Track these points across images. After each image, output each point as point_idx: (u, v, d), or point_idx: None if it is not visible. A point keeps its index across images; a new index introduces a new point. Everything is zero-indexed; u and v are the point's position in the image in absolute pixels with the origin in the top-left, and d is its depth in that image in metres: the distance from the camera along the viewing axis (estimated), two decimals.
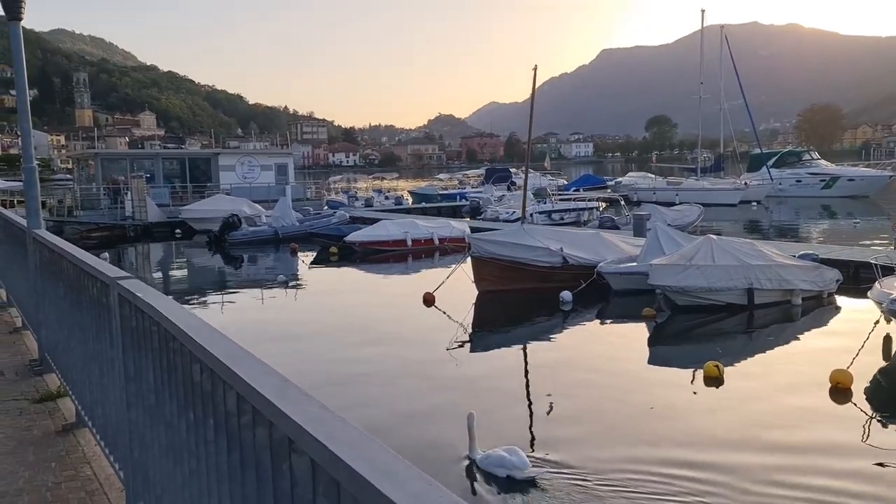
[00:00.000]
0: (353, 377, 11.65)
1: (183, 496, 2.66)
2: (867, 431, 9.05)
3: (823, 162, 52.71)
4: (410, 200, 49.74)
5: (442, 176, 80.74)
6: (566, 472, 7.81)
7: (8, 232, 8.90)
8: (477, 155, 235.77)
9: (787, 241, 25.27)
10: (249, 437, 1.92)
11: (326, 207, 38.99)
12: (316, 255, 26.95)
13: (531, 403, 10.54)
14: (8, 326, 8.79)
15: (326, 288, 21.84)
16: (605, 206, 36.89)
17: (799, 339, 13.72)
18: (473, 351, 13.93)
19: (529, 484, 7.51)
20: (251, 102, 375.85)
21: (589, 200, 35.39)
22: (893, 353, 11.82)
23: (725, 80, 49.99)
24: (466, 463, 7.90)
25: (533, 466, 7.72)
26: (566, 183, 54.73)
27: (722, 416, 9.65)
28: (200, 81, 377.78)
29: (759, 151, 53.93)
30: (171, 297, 3.12)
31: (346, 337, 14.60)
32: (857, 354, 10.77)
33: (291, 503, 1.65)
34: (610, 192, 49.80)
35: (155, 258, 31.29)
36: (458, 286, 17.31)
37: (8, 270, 9.54)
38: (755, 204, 43.97)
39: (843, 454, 8.31)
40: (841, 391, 10.19)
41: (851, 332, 13.12)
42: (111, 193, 36.34)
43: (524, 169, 26.37)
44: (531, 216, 28.75)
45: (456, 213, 40.20)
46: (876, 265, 12.89)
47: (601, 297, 16.92)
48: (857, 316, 15.45)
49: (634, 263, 17.44)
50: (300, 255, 27.08)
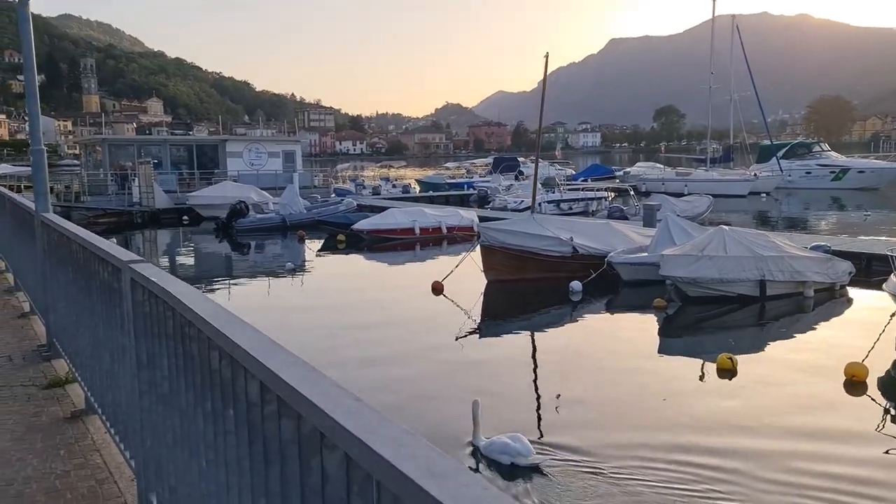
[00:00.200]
0: (359, 363, 11.57)
1: (199, 489, 2.55)
2: (883, 424, 8.95)
3: (833, 153, 52.30)
4: (418, 189, 49.59)
5: (449, 165, 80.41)
6: (571, 459, 7.76)
7: (15, 216, 8.80)
8: (484, 144, 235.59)
9: (797, 232, 25.06)
10: (274, 429, 1.81)
11: (333, 195, 38.88)
12: (323, 242, 26.87)
13: (538, 392, 10.46)
14: (15, 311, 8.68)
15: (334, 276, 21.76)
16: (613, 196, 36.68)
17: (812, 331, 13.59)
18: (482, 339, 13.85)
19: (533, 471, 7.47)
20: (258, 90, 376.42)
21: (597, 190, 35.17)
22: None
23: (736, 70, 49.56)
24: (470, 450, 7.84)
25: (537, 453, 7.67)
26: (574, 173, 54.46)
27: (735, 407, 9.54)
28: (208, 68, 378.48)
29: (768, 142, 53.55)
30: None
31: (354, 324, 14.53)
32: (872, 347, 10.63)
33: (322, 501, 1.54)
34: (618, 182, 49.56)
35: (162, 244, 31.25)
36: (466, 275, 17.21)
37: (15, 254, 9.45)
38: (764, 195, 43.69)
39: (859, 447, 8.22)
40: (856, 384, 10.08)
41: (864, 324, 12.97)
42: (118, 179, 36.30)
43: (533, 158, 26.20)
44: (539, 206, 28.57)
45: (463, 202, 40.03)
46: (892, 257, 12.71)
47: (611, 287, 16.79)
48: (869, 308, 15.31)
49: (645, 254, 17.31)
50: (307, 242, 27.02)
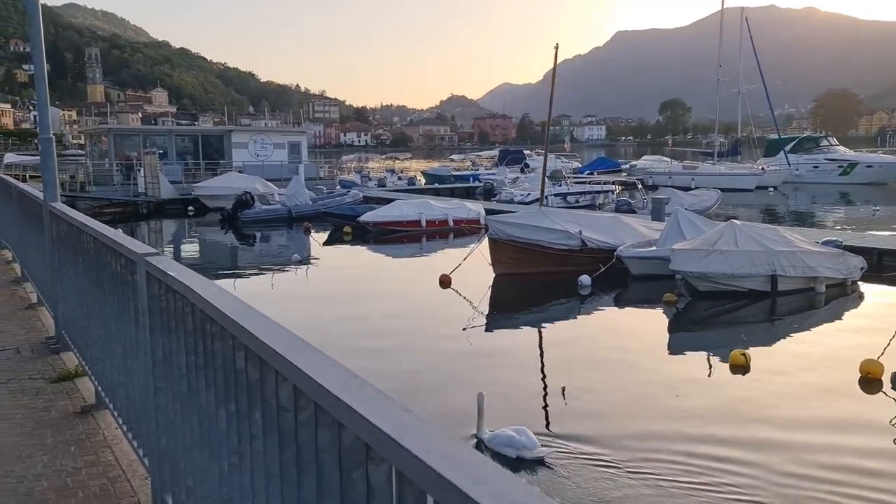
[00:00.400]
0: (365, 354, 11.47)
1: (220, 492, 2.44)
2: None
3: (841, 148, 51.97)
4: (423, 181, 49.43)
5: (455, 157, 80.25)
6: (577, 452, 7.70)
7: (22, 205, 8.69)
8: (489, 136, 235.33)
9: (807, 227, 24.88)
10: (309, 436, 1.69)
11: (339, 187, 38.74)
12: (329, 234, 26.77)
13: (545, 386, 10.38)
14: (23, 302, 8.56)
15: (341, 268, 21.66)
16: (620, 189, 36.47)
17: (824, 327, 13.45)
18: (489, 332, 13.77)
19: (538, 464, 7.42)
20: (263, 80, 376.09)
21: (604, 183, 34.97)
22: None
23: (743, 63, 49.20)
24: (474, 442, 7.75)
25: (542, 446, 7.61)
26: (580, 165, 54.23)
27: (749, 403, 9.41)
28: (212, 58, 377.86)
29: (776, 136, 53.23)
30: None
31: (360, 316, 14.43)
32: (888, 345, 10.48)
33: None
34: (625, 175, 49.32)
35: (168, 235, 31.18)
36: (474, 268, 17.09)
37: (22, 245, 9.34)
38: (772, 189, 43.45)
39: (876, 443, 8.11)
40: (871, 381, 9.96)
41: (877, 320, 12.84)
42: (124, 169, 36.20)
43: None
44: (546, 198, 28.38)
45: (469, 194, 39.82)
46: None
47: (619, 281, 16.66)
48: (882, 304, 15.20)
49: (654, 248, 17.18)
50: (313, 234, 26.91)
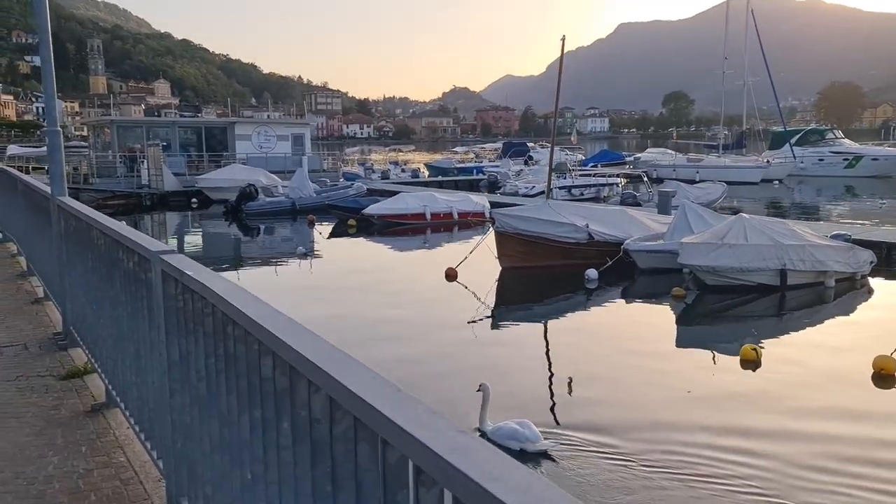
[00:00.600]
0: (370, 347, 11.39)
1: (242, 501, 2.35)
2: None
3: (847, 140, 51.64)
4: (427, 174, 49.26)
5: (458, 149, 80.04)
6: (581, 446, 7.64)
7: (28, 198, 8.59)
8: (492, 128, 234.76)
9: (814, 220, 24.73)
10: (346, 451, 1.60)
11: (343, 179, 38.60)
12: (333, 227, 26.66)
13: (551, 379, 10.31)
14: (29, 296, 8.45)
15: (345, 260, 21.55)
16: (624, 181, 36.30)
17: (834, 322, 13.32)
18: (495, 326, 13.70)
19: (542, 457, 7.36)
20: (265, 72, 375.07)
21: (609, 176, 34.80)
22: None
23: (748, 55, 48.87)
24: (476, 435, 7.67)
25: (545, 439, 7.56)
26: (584, 158, 54.01)
27: (760, 398, 9.29)
28: (215, 50, 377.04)
29: (781, 129, 52.94)
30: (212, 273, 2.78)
31: (366, 309, 14.34)
32: None
33: None
34: (628, 167, 49.13)
35: (171, 227, 31.09)
36: (480, 261, 16.98)
37: (28, 238, 9.24)
38: (777, 182, 43.18)
39: (891, 439, 8.00)
40: (885, 377, 9.85)
41: (888, 315, 12.76)
42: (127, 161, 36.08)
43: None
44: (550, 191, 28.24)
45: (473, 187, 39.67)
46: None
47: (626, 274, 16.54)
48: (892, 298, 15.10)
49: (661, 241, 17.05)
50: (317, 226, 26.79)
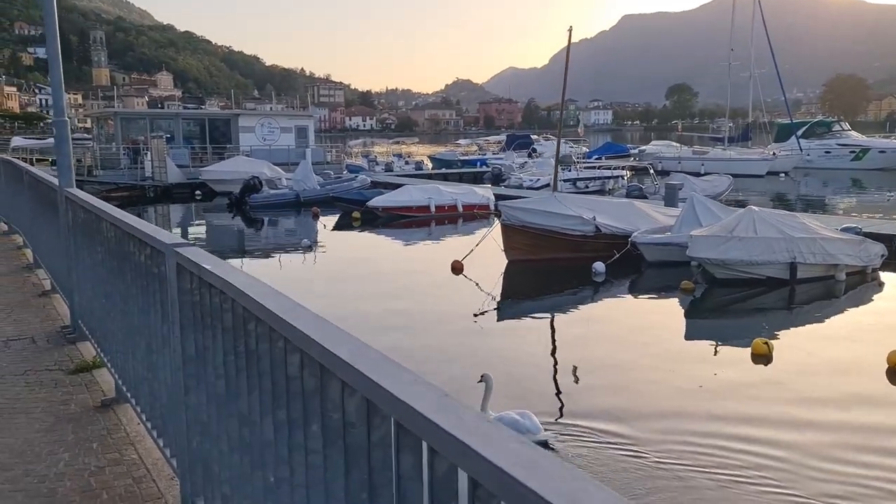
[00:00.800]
0: (376, 337, 11.30)
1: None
2: None
3: (854, 133, 51.32)
4: (430, 166, 49.11)
5: (461, 142, 79.76)
6: (583, 437, 7.60)
7: (34, 190, 8.50)
8: (494, 121, 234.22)
9: (821, 213, 24.57)
10: (385, 457, 1.50)
11: (346, 171, 38.49)
12: (338, 219, 26.56)
13: (557, 372, 10.24)
14: (36, 289, 8.36)
15: (350, 253, 21.47)
16: (630, 174, 36.14)
17: (846, 315, 13.20)
18: (501, 319, 13.64)
19: (541, 447, 7.24)
20: (268, 64, 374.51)
21: (614, 169, 34.64)
22: None
23: (754, 47, 48.53)
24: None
25: (546, 431, 7.53)
26: (587, 151, 53.75)
27: (772, 394, 9.19)
28: (217, 42, 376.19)
29: (786, 121, 52.58)
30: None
31: (372, 302, 14.25)
32: None
33: None
34: (632, 160, 48.92)
35: (175, 220, 31.02)
36: (486, 254, 16.89)
37: (35, 230, 9.15)
38: (783, 175, 42.90)
39: None
40: None
41: None
42: (131, 153, 35.98)
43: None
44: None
45: (477, 179, 39.54)
46: None
47: (633, 268, 16.44)
48: None
49: (669, 234, 16.93)
50: (322, 219, 26.70)
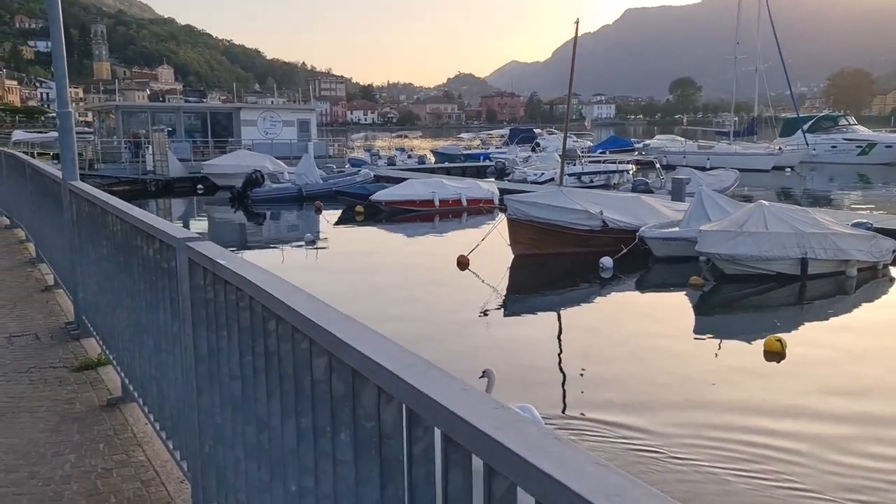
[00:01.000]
0: (384, 331, 11.19)
1: None
2: None
3: (860, 127, 51.03)
4: (433, 160, 48.91)
5: (464, 136, 79.59)
6: (588, 432, 7.55)
7: (37, 183, 8.36)
8: (497, 115, 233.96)
9: (829, 208, 24.38)
10: (428, 474, 1.36)
11: (349, 166, 38.30)
12: (341, 213, 26.40)
13: (563, 368, 10.15)
14: (39, 284, 8.22)
15: (354, 247, 21.32)
16: (635, 168, 35.95)
17: (859, 312, 13.05)
18: (508, 315, 13.52)
19: None
20: (269, 58, 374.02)
21: (619, 163, 34.44)
22: None
23: (760, 40, 48.19)
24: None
25: (546, 425, 7.33)
26: (591, 144, 53.53)
27: (787, 392, 9.05)
28: (218, 35, 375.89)
29: (791, 115, 52.33)
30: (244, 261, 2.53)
31: (378, 297, 14.12)
32: None
33: None
34: (637, 154, 48.72)
35: (177, 213, 30.87)
36: (492, 249, 16.75)
37: (37, 224, 9.01)
38: (789, 170, 42.65)
39: None
40: None
41: None
42: (132, 147, 35.82)
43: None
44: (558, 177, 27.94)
45: (480, 173, 39.37)
46: None
47: (640, 263, 16.29)
48: None
49: (677, 229, 16.77)
50: (324, 213, 26.54)
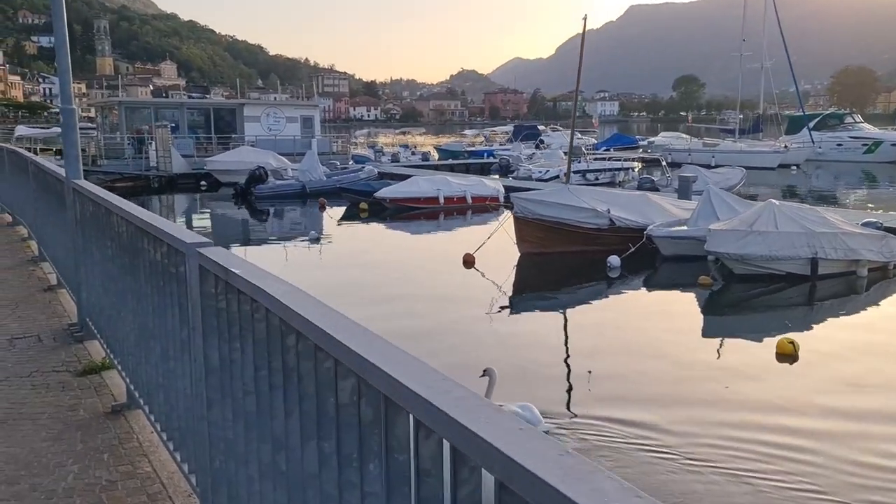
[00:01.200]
0: (389, 330, 11.08)
1: None
2: None
3: (866, 125, 50.75)
4: (437, 157, 48.73)
5: (467, 132, 79.34)
6: (588, 431, 7.47)
7: (40, 181, 8.22)
8: (500, 112, 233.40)
9: (836, 207, 24.19)
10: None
11: (352, 162, 38.15)
12: (345, 210, 26.27)
13: (569, 367, 10.06)
14: (41, 283, 8.08)
15: (358, 245, 21.21)
16: (640, 166, 35.75)
17: (870, 312, 12.93)
18: (514, 314, 13.42)
19: None
20: (272, 53, 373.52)
21: (624, 160, 34.24)
22: None
23: (766, 36, 47.86)
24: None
25: (545, 422, 7.39)
26: (595, 142, 53.28)
27: (799, 394, 8.92)
28: (221, 31, 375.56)
29: (795, 113, 52.02)
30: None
31: (383, 296, 14.00)
32: None
33: None
34: (642, 151, 48.50)
35: (180, 210, 30.76)
36: (498, 247, 16.60)
37: (40, 222, 8.87)
38: (794, 168, 42.41)
39: None
40: None
41: None
42: (135, 143, 35.69)
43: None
44: (563, 175, 27.79)
45: (484, 170, 39.19)
46: None
47: (648, 262, 16.15)
48: None
49: (685, 227, 16.61)
50: (328, 210, 26.41)
